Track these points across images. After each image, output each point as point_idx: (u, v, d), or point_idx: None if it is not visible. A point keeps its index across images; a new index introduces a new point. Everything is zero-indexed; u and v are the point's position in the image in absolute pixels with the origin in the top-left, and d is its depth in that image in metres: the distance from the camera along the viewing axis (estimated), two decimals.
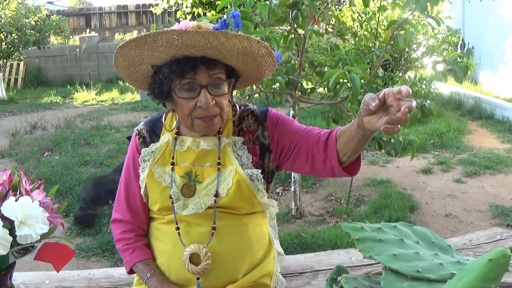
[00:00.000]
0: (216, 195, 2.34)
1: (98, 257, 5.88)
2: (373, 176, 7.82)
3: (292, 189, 6.54)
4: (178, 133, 2.47)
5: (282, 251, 2.65)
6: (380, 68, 5.15)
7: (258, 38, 2.22)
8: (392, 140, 4.99)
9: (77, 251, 6.03)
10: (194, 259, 2.33)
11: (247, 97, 5.32)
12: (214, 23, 2.24)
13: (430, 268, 1.55)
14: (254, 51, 2.22)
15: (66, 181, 8.29)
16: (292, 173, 6.42)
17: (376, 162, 8.53)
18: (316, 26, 5.05)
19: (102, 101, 16.69)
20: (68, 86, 19.18)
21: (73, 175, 8.54)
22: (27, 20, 17.64)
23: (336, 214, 6.61)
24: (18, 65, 20.52)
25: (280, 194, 7.40)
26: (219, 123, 2.32)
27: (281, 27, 5.13)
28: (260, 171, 2.38)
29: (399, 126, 1.82)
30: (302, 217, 6.57)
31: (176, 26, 2.18)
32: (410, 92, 1.75)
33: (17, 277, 2.99)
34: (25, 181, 1.69)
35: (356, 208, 6.73)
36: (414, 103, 1.76)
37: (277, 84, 4.91)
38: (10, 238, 1.50)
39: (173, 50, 2.16)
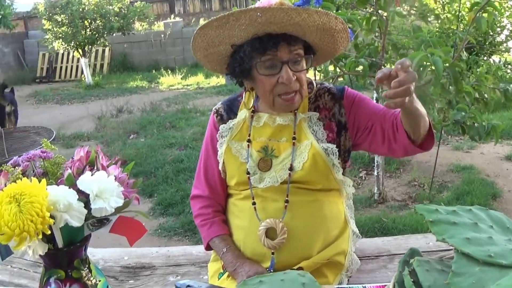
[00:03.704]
0: (291, 168, 2.35)
1: (179, 237, 5.97)
2: (457, 162, 7.67)
3: (375, 173, 6.49)
4: (254, 110, 2.50)
5: (357, 231, 2.63)
6: (465, 52, 5.05)
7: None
8: (475, 124, 4.90)
9: (159, 230, 6.16)
10: (269, 234, 2.36)
11: (331, 80, 5.29)
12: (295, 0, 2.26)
13: (503, 254, 1.51)
14: (332, 27, 2.24)
15: (151, 162, 8.44)
16: (376, 157, 6.37)
17: (460, 147, 8.35)
18: (398, 7, 4.99)
19: (187, 85, 16.83)
20: (154, 71, 19.44)
21: (158, 157, 8.69)
22: (110, 7, 17.91)
23: (418, 199, 6.52)
24: (104, 51, 20.88)
25: (363, 178, 7.35)
26: (299, 101, 2.35)
27: (363, 9, 5.08)
28: (335, 145, 2.38)
29: (398, 99, 1.79)
30: (384, 202, 6.51)
31: (258, 4, 2.22)
32: (407, 64, 1.76)
33: (97, 253, 3.07)
34: (102, 157, 1.72)
35: (438, 194, 6.62)
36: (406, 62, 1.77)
37: (361, 67, 4.88)
38: (85, 211, 1.54)
39: (255, 28, 2.18)
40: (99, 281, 1.72)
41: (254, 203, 2.42)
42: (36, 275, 2.81)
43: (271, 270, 2.34)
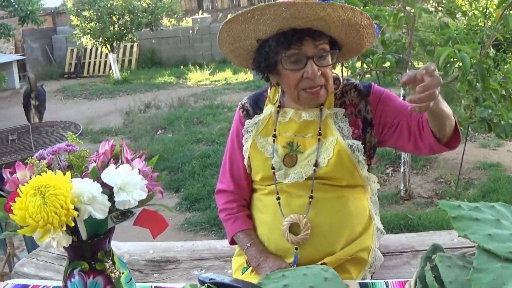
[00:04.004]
0: (316, 165, 2.35)
1: (205, 232, 6.01)
2: (484, 159, 7.59)
3: (402, 170, 6.46)
4: (280, 106, 2.50)
5: (382, 228, 2.64)
6: (492, 49, 5.01)
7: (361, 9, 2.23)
8: (502, 122, 4.86)
9: (185, 225, 6.22)
10: (293, 229, 2.36)
11: (358, 76, 5.28)
12: None
13: None
14: (357, 22, 2.24)
15: (178, 157, 8.51)
16: (402, 153, 6.35)
17: (487, 145, 8.27)
18: (425, 4, 4.96)
19: (215, 81, 16.82)
20: (182, 67, 19.43)
21: (185, 152, 8.75)
22: (138, 3, 17.98)
23: (444, 196, 6.48)
24: (132, 46, 20.95)
25: (390, 175, 7.32)
26: (324, 95, 2.35)
27: (390, 5, 5.06)
28: (360, 142, 2.38)
29: (423, 104, 1.79)
30: (410, 198, 6.48)
31: (282, 0, 2.20)
32: (432, 68, 1.76)
33: (122, 246, 3.10)
34: (126, 151, 1.74)
35: (465, 191, 6.57)
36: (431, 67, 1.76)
37: (388, 63, 4.86)
38: (109, 204, 1.55)
39: (280, 23, 2.20)
40: (122, 273, 1.74)
41: (278, 199, 2.43)
42: (61, 268, 2.82)
43: (295, 266, 2.34)
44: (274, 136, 2.47)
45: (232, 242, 2.61)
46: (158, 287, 2.15)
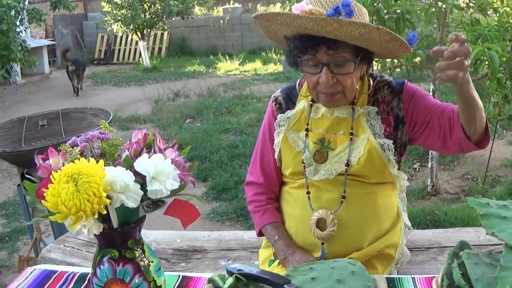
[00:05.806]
0: (347, 164, 2.35)
1: (232, 222, 6.03)
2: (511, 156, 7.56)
3: (429, 165, 6.44)
4: (313, 100, 2.49)
5: (409, 224, 2.63)
6: None
7: (380, 26, 2.16)
8: None
9: (212, 214, 6.24)
10: (320, 224, 2.36)
11: (388, 70, 5.26)
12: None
13: None
14: (374, 37, 2.14)
15: (206, 147, 8.52)
16: None
17: None
18: (457, 0, 4.94)
19: (245, 71, 16.80)
20: (211, 56, 19.45)
21: (213, 142, 8.76)
22: None
23: (471, 193, 6.45)
24: (162, 34, 20.99)
25: (417, 170, 7.29)
26: (341, 100, 2.33)
27: (422, 0, 5.03)
28: (391, 141, 2.37)
29: (451, 73, 1.80)
30: (437, 194, 6.46)
31: (293, 7, 2.18)
32: (462, 37, 1.77)
33: (150, 234, 3.12)
34: (159, 140, 1.75)
35: (491, 189, 6.53)
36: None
37: (418, 58, 4.84)
38: (141, 193, 1.56)
39: (295, 28, 2.20)
40: (152, 262, 1.75)
41: (308, 193, 2.44)
42: (89, 254, 2.86)
43: (322, 260, 2.33)
44: (307, 130, 2.46)
45: (260, 234, 2.63)
46: (185, 277, 2.15)
